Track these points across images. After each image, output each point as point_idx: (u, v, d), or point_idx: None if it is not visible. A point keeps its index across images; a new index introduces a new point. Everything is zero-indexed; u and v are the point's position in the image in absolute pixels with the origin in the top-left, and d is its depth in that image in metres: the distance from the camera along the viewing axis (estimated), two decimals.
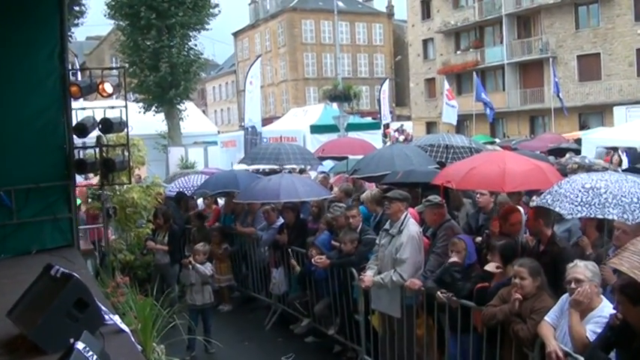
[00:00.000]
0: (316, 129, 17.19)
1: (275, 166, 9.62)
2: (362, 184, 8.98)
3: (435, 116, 37.89)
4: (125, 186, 7.18)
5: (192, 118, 21.56)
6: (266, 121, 25.87)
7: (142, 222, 7.63)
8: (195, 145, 19.90)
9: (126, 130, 5.96)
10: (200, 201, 9.66)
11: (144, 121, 18.46)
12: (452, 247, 4.46)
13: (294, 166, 10.54)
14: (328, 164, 11.96)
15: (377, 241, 5.21)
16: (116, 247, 7.11)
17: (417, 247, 4.77)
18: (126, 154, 6.05)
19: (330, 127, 16.58)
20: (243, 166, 10.96)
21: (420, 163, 7.13)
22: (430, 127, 38.51)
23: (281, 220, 7.21)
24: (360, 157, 8.51)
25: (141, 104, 20.40)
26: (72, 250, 5.12)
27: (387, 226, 5.07)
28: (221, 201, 9.31)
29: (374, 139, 16.30)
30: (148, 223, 7.52)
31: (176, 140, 20.29)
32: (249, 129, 15.90)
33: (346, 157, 10.00)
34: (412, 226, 4.85)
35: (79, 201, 6.91)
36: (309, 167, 12.60)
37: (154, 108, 20.51)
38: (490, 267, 4.13)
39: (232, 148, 17.88)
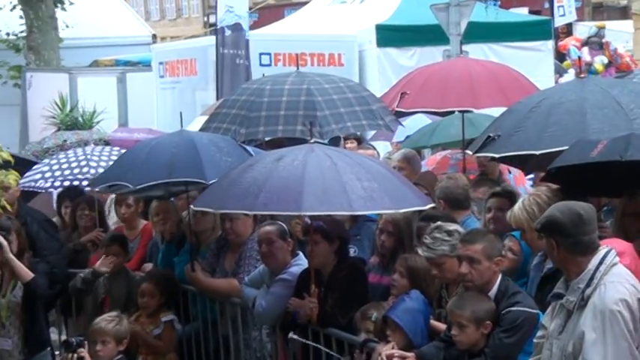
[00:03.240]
0: (392, 36, 17.11)
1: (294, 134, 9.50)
2: (501, 175, 9.05)
3: None
4: None
5: (90, 4, 21.74)
6: (268, 15, 25.57)
7: None
8: (96, 71, 20.06)
9: None
10: (109, 207, 9.93)
11: None
12: None
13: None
14: (417, 122, 11.99)
15: (542, 322, 5.25)
16: None
17: (631, 342, 4.81)
18: None
19: (425, 31, 16.52)
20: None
21: None
22: None
23: (301, 262, 7.41)
24: (502, 109, 8.44)
25: None
26: None
27: (559, 286, 5.11)
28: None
29: (533, 62, 16.17)
30: None
31: (48, 58, 20.50)
32: (228, 31, 15.95)
33: (466, 111, 10.07)
34: (615, 289, 4.86)
35: None
36: (369, 132, 12.53)
37: None
38: None
39: (188, 77, 18.04)
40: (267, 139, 10.23)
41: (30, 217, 8.67)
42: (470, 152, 8.20)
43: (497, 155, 7.42)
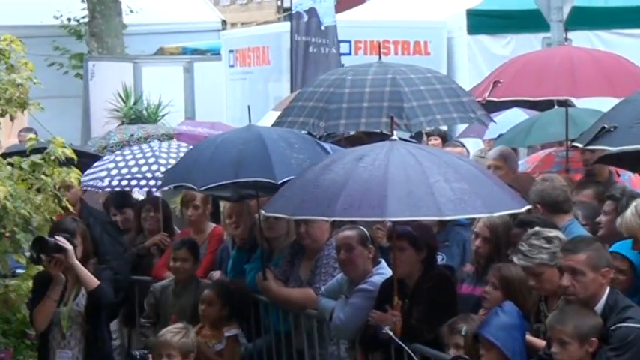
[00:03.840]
0: (484, 22, 16.89)
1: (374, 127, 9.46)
2: (612, 177, 8.92)
3: None
4: None
5: None
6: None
7: (14, 261, 7.96)
8: (161, 60, 20.24)
9: None
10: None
11: None
12: None
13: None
14: (512, 118, 11.94)
15: None
16: None
17: None
18: None
19: (522, 16, 16.34)
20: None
21: None
22: None
23: (384, 271, 7.37)
24: (613, 100, 8.32)
25: None
26: None
27: None
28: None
29: None
30: (31, 266, 7.83)
31: (111, 45, 20.74)
32: (305, 16, 15.95)
33: (566, 103, 10.01)
34: None
35: None
36: (457, 130, 12.39)
37: None
38: None
39: (260, 67, 18.12)
40: (346, 135, 10.21)
41: (93, 219, 8.80)
42: (579, 145, 8.01)
43: (613, 149, 7.26)
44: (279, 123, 9.20)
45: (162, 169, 9.71)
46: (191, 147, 10.01)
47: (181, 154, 9.86)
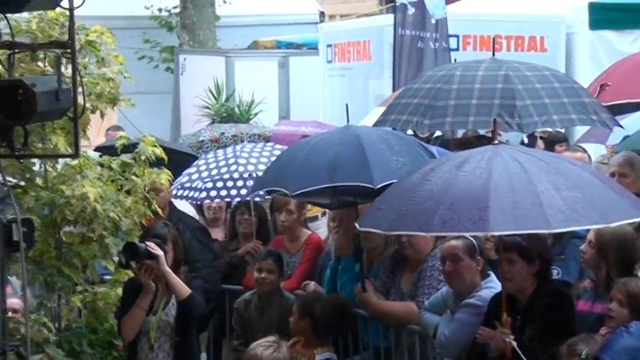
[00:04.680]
0: (609, 16, 16.50)
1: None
2: None
3: None
4: (62, 164, 7.65)
5: None
6: None
7: (102, 267, 8.18)
8: (254, 55, 20.43)
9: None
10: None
11: None
12: None
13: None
14: (638, 120, 11.52)
15: None
16: (34, 337, 7.47)
17: None
18: (68, 70, 6.33)
19: None
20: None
21: None
22: None
23: (493, 285, 7.40)
24: None
25: None
26: None
27: None
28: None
29: None
30: (119, 270, 8.03)
31: (203, 38, 21.09)
32: (412, 8, 15.79)
33: None
34: None
35: None
36: (576, 134, 12.32)
37: None
38: None
39: (360, 63, 18.11)
40: (455, 137, 10.16)
41: (182, 224, 8.91)
42: None
43: None
44: (381, 121, 9.14)
45: (241, 169, 9.83)
46: (276, 147, 10.07)
47: (265, 154, 9.99)
